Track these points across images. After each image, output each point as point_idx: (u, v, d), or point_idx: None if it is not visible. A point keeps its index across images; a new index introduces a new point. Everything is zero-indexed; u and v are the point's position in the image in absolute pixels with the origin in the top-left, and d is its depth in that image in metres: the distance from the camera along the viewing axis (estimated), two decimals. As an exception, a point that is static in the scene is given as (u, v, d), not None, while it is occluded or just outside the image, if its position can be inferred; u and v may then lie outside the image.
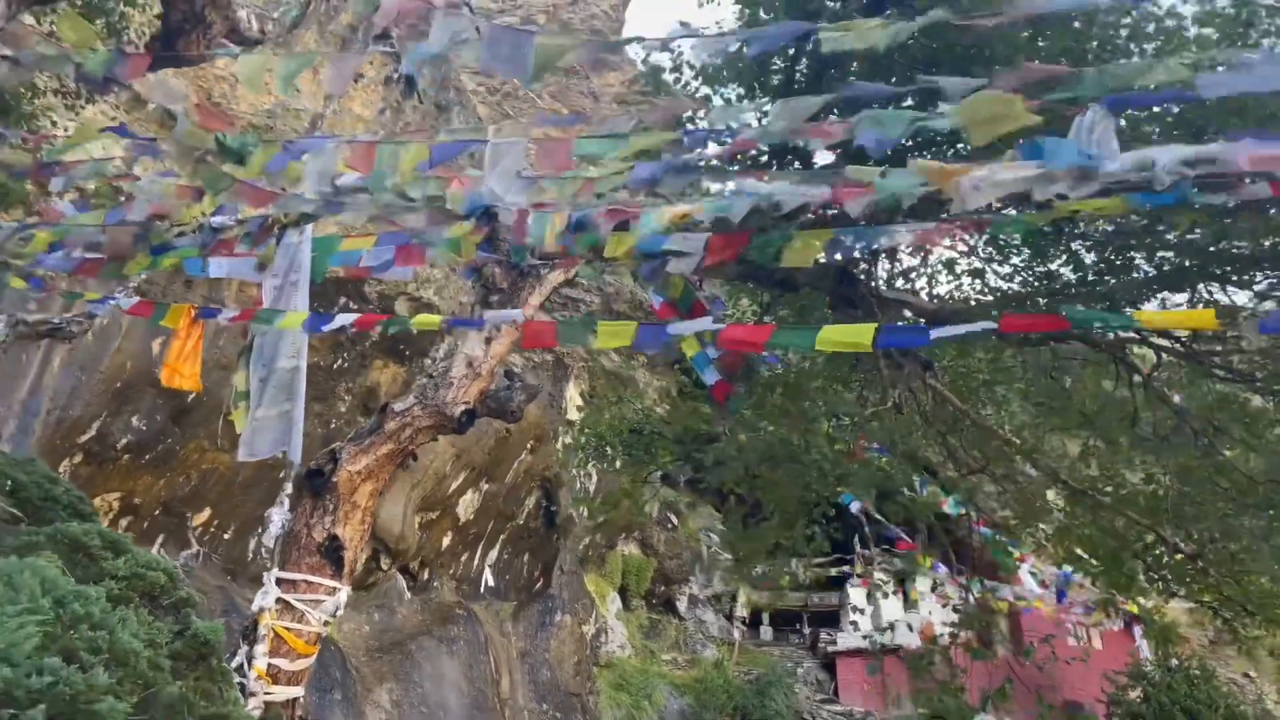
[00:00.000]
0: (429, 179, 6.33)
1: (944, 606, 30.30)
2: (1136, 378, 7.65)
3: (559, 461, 23.92)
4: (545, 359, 25.31)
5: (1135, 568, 8.05)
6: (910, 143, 6.87)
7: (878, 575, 30.25)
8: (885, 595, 28.29)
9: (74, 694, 2.59)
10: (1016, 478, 8.64)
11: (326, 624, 6.44)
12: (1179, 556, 7.57)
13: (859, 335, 4.17)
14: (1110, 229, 7.51)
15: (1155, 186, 4.18)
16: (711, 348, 8.10)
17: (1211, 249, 6.93)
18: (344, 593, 6.49)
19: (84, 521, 4.74)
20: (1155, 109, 6.15)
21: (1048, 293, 7.96)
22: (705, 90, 9.07)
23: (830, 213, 5.61)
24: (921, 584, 30.64)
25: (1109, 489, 7.96)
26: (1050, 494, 9.09)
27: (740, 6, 7.84)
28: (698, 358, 7.95)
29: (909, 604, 29.95)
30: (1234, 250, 6.95)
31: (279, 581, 6.24)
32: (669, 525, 30.17)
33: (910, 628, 28.72)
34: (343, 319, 7.10)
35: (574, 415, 24.34)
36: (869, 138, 4.06)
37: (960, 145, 6.77)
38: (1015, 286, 8.61)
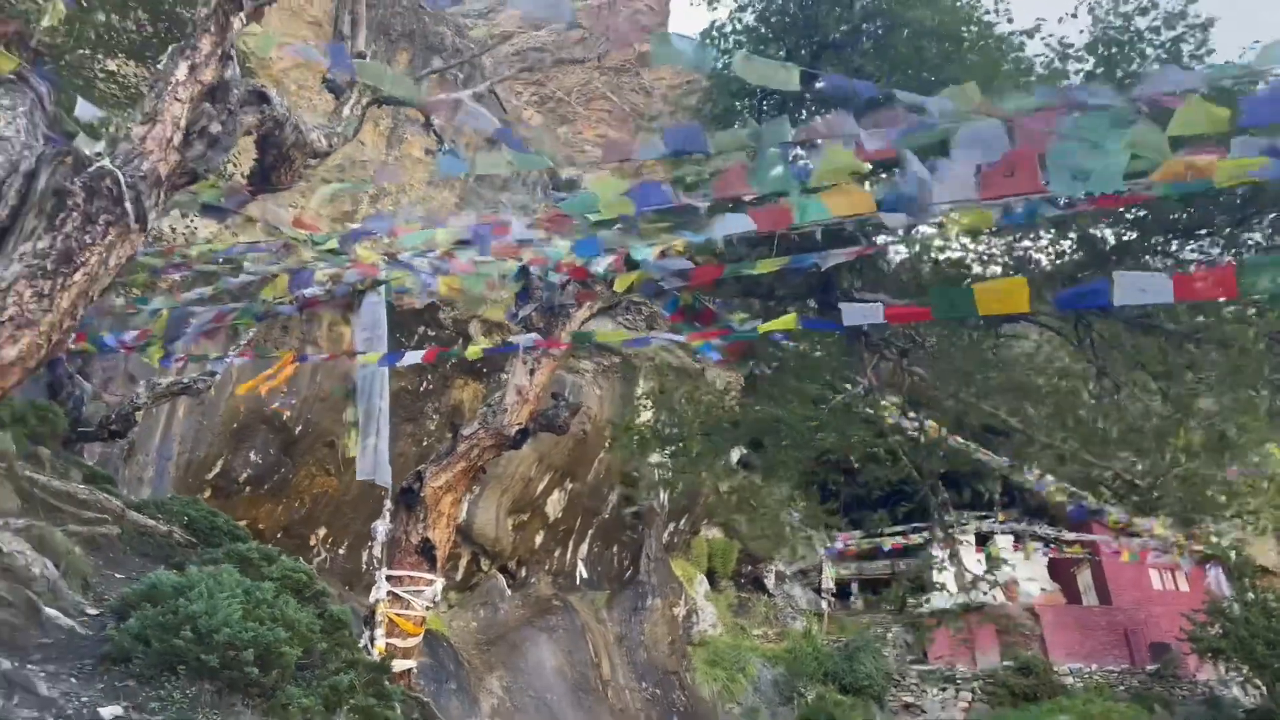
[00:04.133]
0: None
1: (1026, 560, 31.02)
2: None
3: (635, 456, 25.30)
4: (614, 361, 26.68)
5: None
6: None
7: (959, 537, 30.96)
8: (947, 558, 29.03)
9: (267, 644, 4.17)
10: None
11: (428, 609, 8.06)
12: (1138, 485, 8.63)
13: (786, 322, 5.76)
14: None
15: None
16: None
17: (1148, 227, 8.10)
18: (439, 584, 8.12)
19: (243, 542, 6.42)
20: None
21: (1018, 269, 9.09)
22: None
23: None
24: (1003, 541, 31.25)
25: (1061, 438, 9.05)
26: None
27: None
28: (704, 347, 9.62)
29: (991, 562, 30.58)
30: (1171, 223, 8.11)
31: (388, 578, 7.90)
32: (750, 507, 31.37)
33: (993, 585, 29.42)
34: (411, 356, 8.85)
35: (645, 414, 25.67)
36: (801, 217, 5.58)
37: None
38: (996, 269, 9.74)
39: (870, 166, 4.88)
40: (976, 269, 10.40)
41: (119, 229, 4.71)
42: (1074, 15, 8.64)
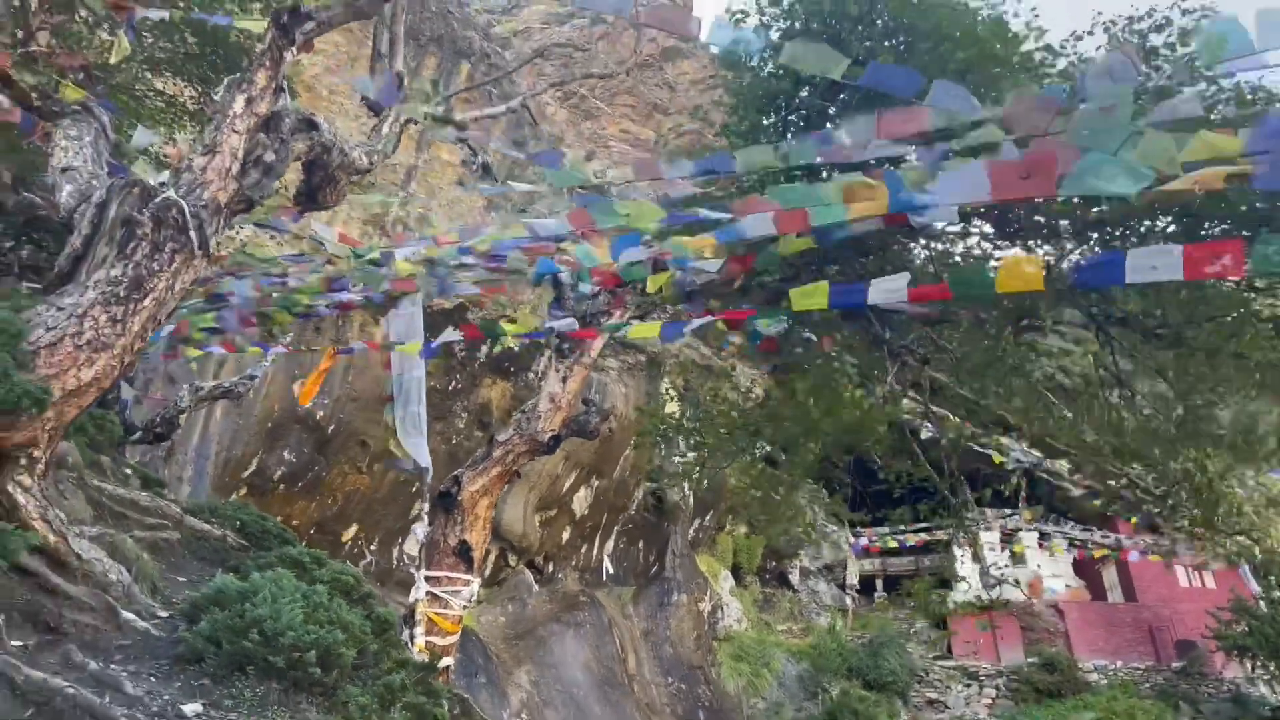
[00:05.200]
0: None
1: (1051, 557, 31.06)
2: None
3: (660, 453, 25.57)
4: (640, 359, 26.94)
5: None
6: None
7: (984, 534, 31.06)
8: (970, 555, 29.19)
9: (327, 645, 4.48)
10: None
11: (465, 608, 8.37)
12: (1153, 494, 8.79)
13: (818, 295, 6.06)
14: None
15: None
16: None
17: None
18: (476, 584, 8.42)
19: (291, 546, 6.74)
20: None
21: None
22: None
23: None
24: (1028, 538, 31.34)
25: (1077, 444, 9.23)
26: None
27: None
28: (725, 342, 9.89)
29: (1015, 559, 30.74)
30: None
31: (427, 579, 8.21)
32: (772, 503, 31.56)
33: (1017, 582, 29.61)
34: (447, 335, 9.20)
35: (671, 407, 25.85)
36: (819, 220, 5.81)
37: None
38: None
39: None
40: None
41: (184, 256, 5.03)
42: (1090, 33, 8.81)
